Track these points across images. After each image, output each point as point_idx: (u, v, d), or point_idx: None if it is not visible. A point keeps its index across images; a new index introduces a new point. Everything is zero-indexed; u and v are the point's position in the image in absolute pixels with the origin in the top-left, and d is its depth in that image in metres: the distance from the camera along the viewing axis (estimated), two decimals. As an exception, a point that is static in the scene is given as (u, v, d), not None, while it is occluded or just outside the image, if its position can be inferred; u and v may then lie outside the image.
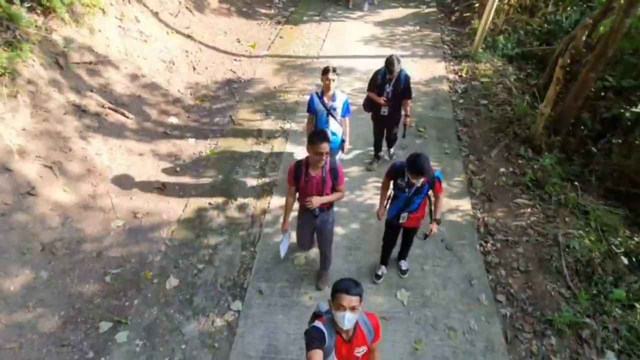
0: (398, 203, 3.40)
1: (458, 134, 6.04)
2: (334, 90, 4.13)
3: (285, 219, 3.52)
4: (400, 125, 4.90)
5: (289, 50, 8.11)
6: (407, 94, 4.59)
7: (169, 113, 5.93)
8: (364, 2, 10.14)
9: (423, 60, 7.89)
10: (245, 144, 5.65)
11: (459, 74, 7.53)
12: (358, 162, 5.41)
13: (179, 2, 7.78)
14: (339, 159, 4.70)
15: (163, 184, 4.90)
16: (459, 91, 7.03)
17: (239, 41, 8.18)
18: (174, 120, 5.87)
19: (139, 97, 5.80)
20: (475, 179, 5.25)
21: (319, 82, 5.53)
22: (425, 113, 6.40)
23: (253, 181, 5.06)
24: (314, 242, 3.91)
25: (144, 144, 5.31)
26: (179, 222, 4.50)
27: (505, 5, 8.55)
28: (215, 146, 5.59)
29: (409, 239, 3.86)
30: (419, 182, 3.15)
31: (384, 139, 5.13)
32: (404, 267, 4.04)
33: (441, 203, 3.43)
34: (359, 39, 8.62)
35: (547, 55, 7.56)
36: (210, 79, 6.92)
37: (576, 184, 5.18)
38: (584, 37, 5.49)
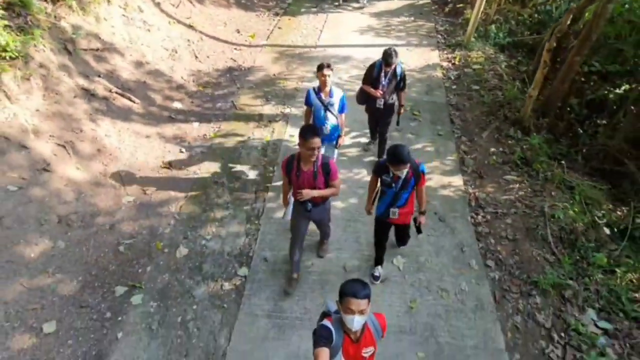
0: (386, 199, 3.44)
1: (451, 117, 6.30)
2: (331, 86, 4.17)
3: (284, 197, 3.76)
4: (394, 114, 5.05)
5: (288, 40, 8.34)
6: (402, 86, 4.72)
7: (173, 98, 6.15)
8: None
9: (417, 49, 8.16)
10: (247, 127, 5.88)
11: (452, 61, 7.79)
12: (355, 144, 5.66)
13: (179, -7, 7.99)
14: (336, 158, 4.77)
15: (170, 163, 5.13)
16: (452, 77, 7.29)
17: (238, 31, 8.40)
18: (178, 105, 6.09)
19: (144, 83, 6.02)
20: (467, 157, 5.52)
21: (317, 71, 5.71)
22: (420, 98, 6.65)
23: (256, 161, 5.30)
24: (307, 232, 3.85)
25: (150, 127, 5.53)
26: (186, 198, 4.73)
27: (496, -5, 8.82)
28: (219, 129, 5.82)
29: (403, 237, 3.91)
30: (403, 173, 3.20)
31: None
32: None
33: (424, 195, 3.52)
34: (355, 29, 8.87)
35: (538, 44, 7.80)
36: (212, 67, 7.14)
37: (563, 162, 5.45)
38: (569, 22, 5.75)
